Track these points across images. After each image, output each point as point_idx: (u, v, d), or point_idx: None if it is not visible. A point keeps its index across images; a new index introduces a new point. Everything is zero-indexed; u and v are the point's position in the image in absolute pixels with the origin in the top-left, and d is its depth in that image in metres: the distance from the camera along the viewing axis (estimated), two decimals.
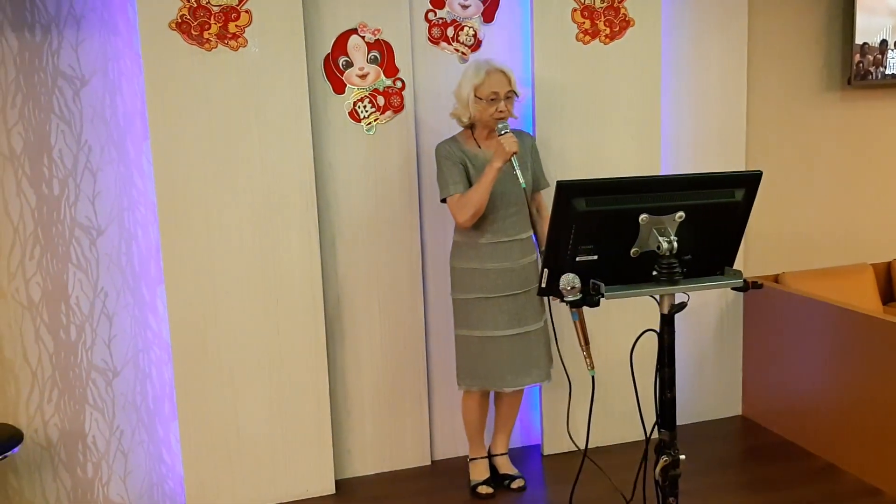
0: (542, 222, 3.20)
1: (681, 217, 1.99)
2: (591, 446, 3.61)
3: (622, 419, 3.66)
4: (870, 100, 4.15)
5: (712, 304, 3.92)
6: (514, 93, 3.04)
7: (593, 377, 2.30)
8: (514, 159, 2.92)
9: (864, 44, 3.98)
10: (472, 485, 3.33)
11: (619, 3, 3.48)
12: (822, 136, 4.09)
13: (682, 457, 2.10)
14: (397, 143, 3.36)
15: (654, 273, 2.01)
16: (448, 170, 3.05)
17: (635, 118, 3.57)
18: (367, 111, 3.31)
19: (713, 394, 3.99)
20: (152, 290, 3.24)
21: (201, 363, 3.17)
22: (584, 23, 3.45)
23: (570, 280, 1.97)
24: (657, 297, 2.07)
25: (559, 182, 1.94)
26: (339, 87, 3.28)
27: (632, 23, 3.51)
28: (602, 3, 3.46)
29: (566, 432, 3.61)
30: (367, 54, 3.28)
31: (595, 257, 2.00)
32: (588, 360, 2.25)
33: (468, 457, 3.41)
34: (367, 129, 3.33)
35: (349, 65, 3.27)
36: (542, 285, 2.03)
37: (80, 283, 3.14)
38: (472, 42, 3.42)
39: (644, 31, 3.53)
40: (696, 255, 2.06)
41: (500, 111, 2.99)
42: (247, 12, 3.05)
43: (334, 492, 3.38)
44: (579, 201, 1.95)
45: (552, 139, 3.47)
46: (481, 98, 2.99)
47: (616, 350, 3.57)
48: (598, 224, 1.98)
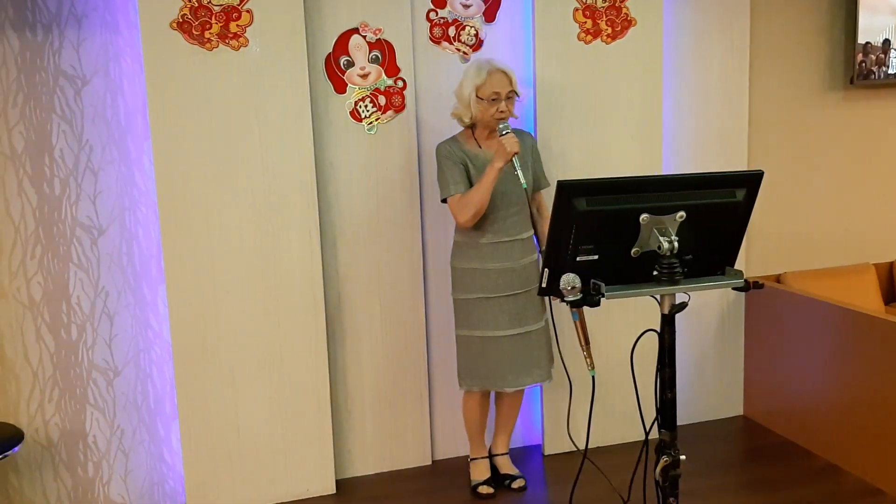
0: (543, 222, 3.20)
1: (681, 217, 1.99)
2: (592, 446, 3.62)
3: (623, 419, 3.66)
4: (872, 99, 4.14)
5: (714, 303, 3.92)
6: (516, 93, 3.03)
7: (594, 377, 2.29)
8: (516, 159, 2.92)
9: (867, 43, 3.97)
10: (472, 485, 3.33)
11: (621, 2, 3.48)
12: (825, 136, 4.09)
13: (683, 457, 2.10)
14: (398, 142, 3.36)
15: (654, 273, 2.00)
16: (449, 170, 3.05)
17: (637, 118, 3.57)
18: (368, 111, 3.31)
19: (714, 394, 3.98)
20: (153, 290, 3.24)
21: (202, 363, 3.17)
22: (585, 22, 3.45)
23: (570, 280, 1.97)
24: (658, 297, 2.07)
25: (560, 182, 1.94)
26: (340, 86, 3.28)
27: (633, 22, 3.51)
28: (604, 2, 3.45)
29: (567, 432, 3.62)
30: (369, 54, 3.28)
31: (596, 257, 2.00)
32: (588, 360, 2.25)
33: (469, 457, 3.41)
34: (368, 129, 3.33)
35: (350, 64, 3.27)
36: (543, 285, 2.03)
37: (81, 282, 3.15)
38: (473, 42, 3.42)
39: (646, 30, 3.53)
40: (697, 255, 2.06)
41: (502, 111, 2.98)
42: (248, 12, 3.05)
43: (335, 491, 3.38)
44: (580, 201, 1.95)
45: (553, 139, 3.46)
46: (482, 98, 2.98)
47: (617, 350, 3.57)
48: (598, 224, 1.97)
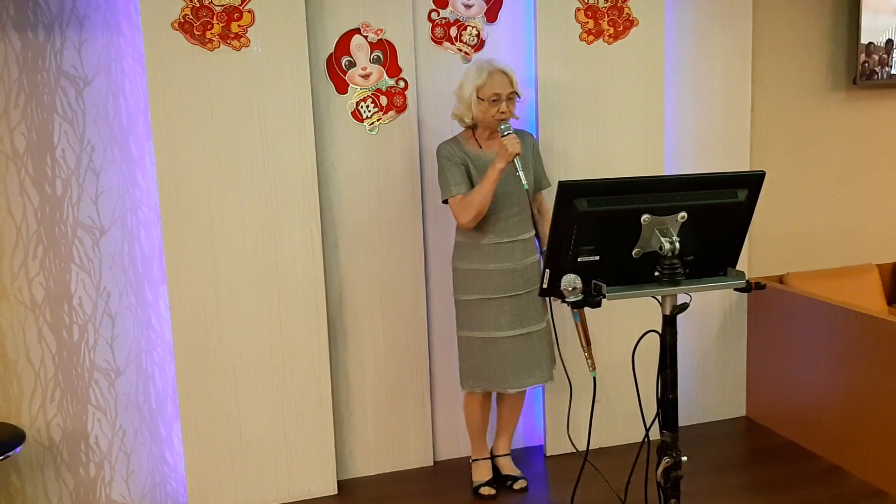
0: (544, 222, 3.19)
1: (683, 217, 1.98)
2: (593, 447, 3.63)
3: (625, 420, 3.65)
4: (875, 100, 4.13)
5: (716, 304, 3.91)
6: (517, 93, 3.02)
7: (595, 378, 2.29)
8: (518, 160, 2.91)
9: (870, 43, 3.96)
10: (474, 486, 3.32)
11: (623, 2, 3.47)
12: (827, 137, 4.08)
13: (685, 458, 2.09)
14: (400, 143, 3.36)
15: (656, 274, 2.00)
16: (450, 171, 3.04)
17: (639, 118, 3.56)
18: (369, 111, 3.31)
19: (717, 394, 3.97)
20: (155, 291, 3.24)
21: (204, 363, 3.17)
22: (587, 22, 3.44)
23: (571, 281, 1.96)
24: (659, 298, 2.06)
25: (561, 182, 1.94)
26: (341, 86, 3.28)
27: (635, 22, 3.50)
28: (606, 2, 3.45)
29: (567, 434, 3.61)
30: (370, 54, 3.28)
31: (597, 258, 2.00)
32: (589, 361, 2.25)
33: (471, 458, 3.40)
34: (369, 129, 3.32)
35: (352, 65, 3.27)
36: (544, 286, 2.03)
37: (82, 283, 3.15)
38: (475, 42, 3.41)
39: (648, 30, 3.52)
40: (699, 256, 2.06)
41: (502, 112, 2.97)
42: (249, 12, 3.05)
43: (336, 492, 3.38)
44: (581, 201, 1.94)
45: (555, 139, 3.46)
46: (483, 99, 2.97)
47: (618, 351, 3.56)
48: (599, 224, 1.97)
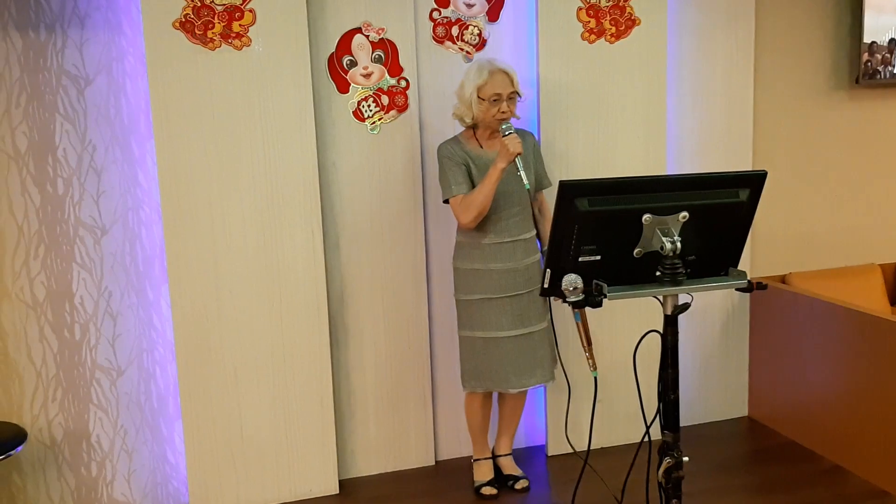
0: (545, 222, 3.19)
1: (684, 217, 1.98)
2: (595, 447, 3.62)
3: (627, 420, 3.65)
4: (878, 99, 4.12)
5: (718, 304, 3.90)
6: (517, 93, 3.02)
7: (596, 378, 2.28)
8: (519, 160, 2.90)
9: (873, 42, 3.95)
10: (475, 485, 3.32)
11: (625, 2, 3.46)
12: (830, 136, 4.07)
13: (686, 459, 2.09)
14: (401, 142, 3.35)
15: (657, 274, 1.99)
16: (451, 170, 3.04)
17: (641, 118, 3.55)
18: (371, 110, 3.30)
19: (719, 394, 3.97)
20: (156, 290, 3.24)
21: (205, 363, 3.17)
22: (589, 22, 3.44)
23: (572, 280, 1.96)
24: (660, 298, 2.06)
25: (562, 182, 1.93)
26: (343, 86, 3.27)
27: (638, 22, 3.50)
28: (607, 2, 3.44)
29: (572, 433, 3.60)
30: (372, 53, 3.27)
31: (598, 257, 1.99)
32: (591, 361, 2.24)
33: (472, 457, 3.40)
34: (371, 129, 3.32)
35: (353, 64, 3.27)
36: (545, 286, 2.02)
37: (84, 282, 3.15)
38: (476, 41, 3.41)
39: (650, 30, 3.51)
40: (700, 256, 2.05)
41: (503, 112, 2.97)
42: (250, 11, 3.04)
43: (338, 492, 3.38)
44: (582, 201, 1.94)
45: (557, 139, 3.45)
46: (484, 99, 2.97)
47: (620, 351, 3.56)
48: (600, 224, 1.96)
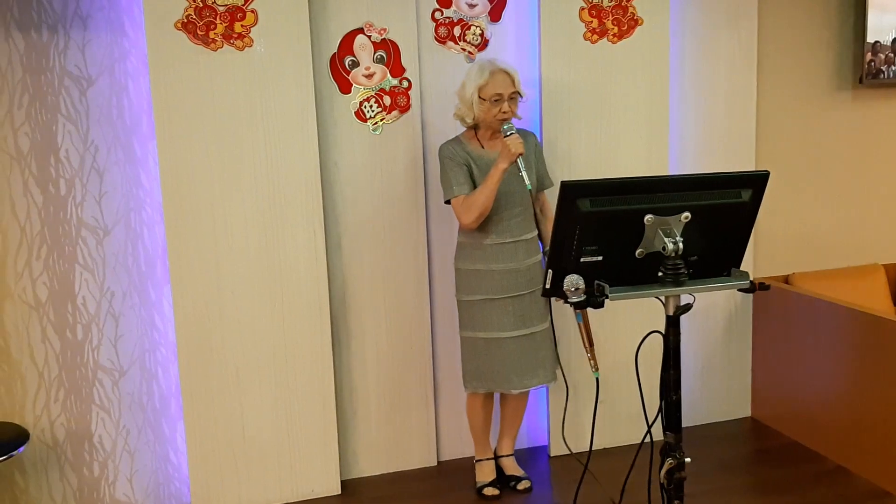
0: (546, 222, 3.18)
1: (686, 218, 1.97)
2: (597, 448, 3.61)
3: (629, 421, 3.64)
4: (881, 99, 4.10)
5: (721, 304, 3.89)
6: (519, 93, 3.01)
7: (598, 379, 2.28)
8: (520, 160, 2.90)
9: (876, 42, 3.94)
10: (478, 486, 3.31)
11: (628, 1, 3.45)
12: (833, 136, 4.06)
13: (688, 459, 2.08)
14: (403, 143, 3.35)
15: (659, 274, 1.99)
16: (452, 171, 3.03)
17: (643, 118, 3.55)
18: (373, 111, 3.30)
19: (722, 395, 3.96)
20: (158, 290, 3.24)
21: (207, 363, 3.17)
22: (591, 22, 3.43)
23: (573, 281, 1.95)
24: (662, 299, 2.05)
25: (563, 182, 1.93)
26: (345, 86, 3.27)
27: (640, 22, 3.49)
28: (610, 2, 3.43)
29: (574, 433, 3.60)
30: (374, 54, 3.27)
31: (600, 258, 1.99)
32: (592, 362, 2.24)
33: (474, 458, 3.40)
34: (373, 129, 3.32)
35: (355, 64, 3.26)
36: (547, 286, 2.02)
37: (86, 282, 3.15)
38: (478, 41, 3.40)
39: (652, 30, 3.51)
40: (703, 256, 2.05)
41: (504, 112, 2.96)
42: (252, 12, 3.04)
43: (340, 492, 3.38)
44: (584, 202, 1.93)
45: (559, 139, 3.45)
46: (485, 99, 2.97)
47: (622, 351, 3.55)
48: (602, 225, 1.96)
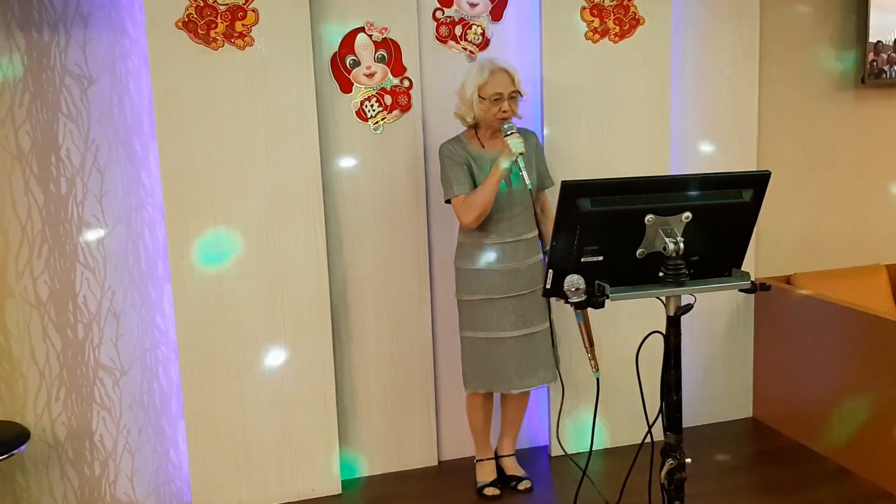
0: (547, 222, 3.18)
1: (687, 218, 1.96)
2: (597, 448, 3.61)
3: (630, 421, 3.63)
4: (884, 99, 4.09)
5: (723, 305, 3.89)
6: (519, 92, 3.01)
7: (598, 379, 2.27)
8: (521, 159, 2.90)
9: (878, 42, 3.93)
10: (478, 486, 3.31)
11: (629, 1, 3.45)
12: (835, 136, 4.05)
13: (688, 460, 2.08)
14: (404, 142, 3.35)
15: (660, 274, 1.98)
16: (452, 170, 3.03)
17: (645, 117, 3.54)
18: (374, 110, 3.30)
19: (724, 395, 3.95)
20: (159, 289, 3.24)
21: (208, 362, 3.17)
22: (593, 21, 3.43)
23: (574, 281, 1.95)
24: (663, 299, 2.04)
25: (564, 182, 1.92)
26: (346, 85, 3.27)
27: (642, 21, 3.48)
28: (611, 1, 3.43)
29: (574, 434, 3.60)
30: (375, 53, 3.27)
31: (600, 258, 1.98)
32: (593, 363, 2.23)
33: (475, 458, 3.39)
34: (374, 129, 3.32)
35: (356, 63, 3.26)
36: (547, 286, 2.01)
37: (87, 281, 3.15)
38: (480, 41, 3.40)
39: (654, 29, 3.50)
40: (704, 257, 2.04)
41: (504, 111, 2.96)
42: (253, 11, 3.04)
43: (341, 492, 3.38)
44: (584, 201, 1.92)
45: (560, 139, 3.44)
46: (485, 98, 2.96)
47: (623, 351, 3.55)
48: (603, 225, 1.95)
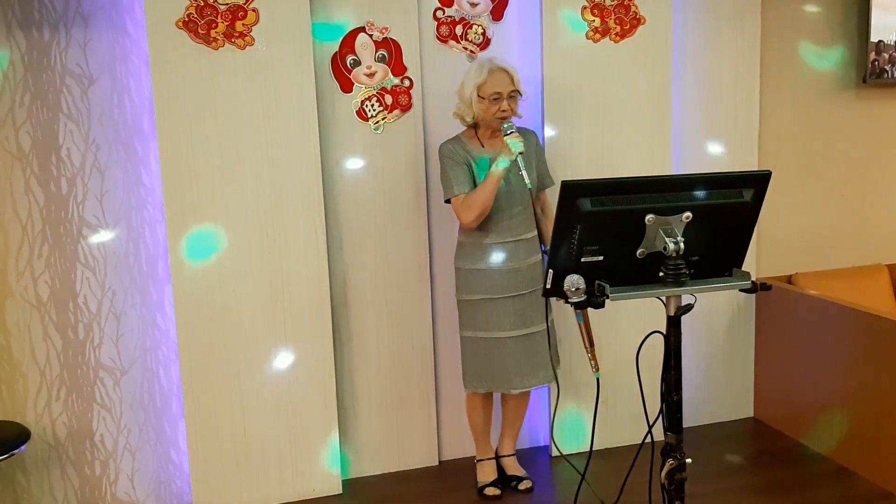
0: (547, 222, 3.18)
1: (687, 217, 1.96)
2: (597, 448, 3.61)
3: (630, 421, 3.63)
4: (885, 98, 4.09)
5: (724, 305, 3.88)
6: (518, 92, 3.00)
7: (598, 379, 2.27)
8: (521, 159, 2.89)
9: (880, 41, 3.92)
10: (479, 486, 3.31)
11: (630, 0, 3.44)
12: (837, 135, 4.04)
13: (689, 460, 2.07)
14: (405, 142, 3.35)
15: (660, 274, 1.98)
16: (452, 170, 3.02)
17: (646, 117, 3.54)
18: (374, 110, 3.30)
19: (725, 395, 3.95)
20: (160, 289, 3.24)
21: (208, 362, 3.17)
22: (594, 21, 3.42)
23: (574, 281, 1.94)
24: (663, 299, 2.04)
25: (564, 182, 1.92)
26: (346, 85, 3.27)
27: (642, 21, 3.48)
28: (612, 0, 3.43)
29: (574, 434, 3.60)
30: (375, 53, 3.27)
31: (600, 258, 1.97)
32: (593, 363, 2.22)
33: (475, 458, 3.39)
34: (374, 128, 3.31)
35: (357, 63, 3.26)
36: (547, 286, 2.01)
37: (87, 281, 3.15)
38: (480, 40, 3.40)
39: (655, 28, 3.50)
40: (704, 256, 2.03)
41: (503, 110, 2.96)
42: (254, 11, 3.04)
43: (341, 492, 3.38)
44: (584, 201, 1.92)
45: (561, 138, 3.44)
46: (484, 97, 2.96)
47: (624, 351, 3.54)
48: (603, 224, 1.95)
